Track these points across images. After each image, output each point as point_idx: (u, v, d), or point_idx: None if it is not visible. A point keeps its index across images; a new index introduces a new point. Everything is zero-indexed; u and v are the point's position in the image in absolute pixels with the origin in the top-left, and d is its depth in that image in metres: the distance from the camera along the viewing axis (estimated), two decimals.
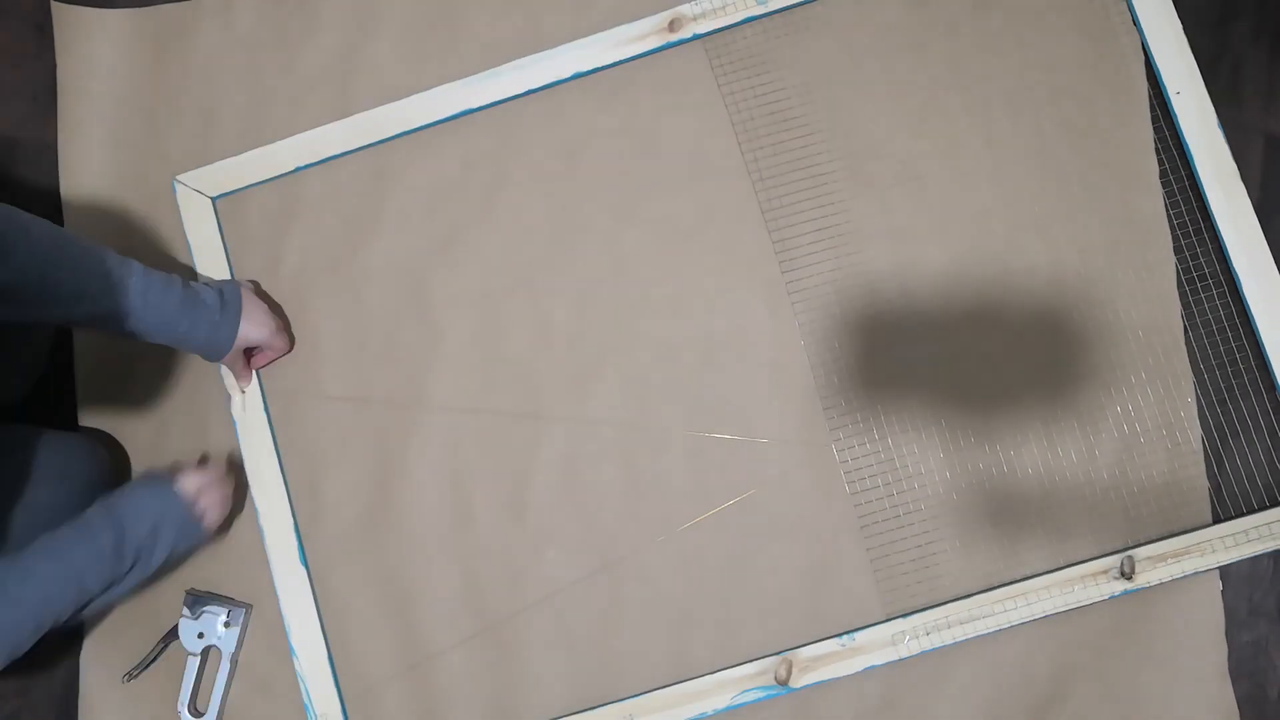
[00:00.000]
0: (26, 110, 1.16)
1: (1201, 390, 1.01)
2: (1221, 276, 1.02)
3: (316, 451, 1.07)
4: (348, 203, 1.11)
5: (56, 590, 0.85)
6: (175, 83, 1.15)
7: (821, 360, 1.04)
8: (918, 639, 0.98)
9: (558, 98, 1.10)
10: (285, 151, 1.10)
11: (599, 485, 1.04)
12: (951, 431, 1.02)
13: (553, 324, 1.07)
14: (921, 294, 1.04)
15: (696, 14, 1.08)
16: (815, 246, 1.06)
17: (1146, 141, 1.04)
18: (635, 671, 1.02)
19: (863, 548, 1.01)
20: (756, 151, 1.08)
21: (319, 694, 1.02)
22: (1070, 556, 0.99)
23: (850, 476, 1.02)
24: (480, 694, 1.03)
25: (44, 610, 0.85)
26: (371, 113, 1.10)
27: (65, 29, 1.17)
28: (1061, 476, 1.01)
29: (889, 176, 1.06)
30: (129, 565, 0.90)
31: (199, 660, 1.03)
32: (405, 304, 1.09)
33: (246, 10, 1.15)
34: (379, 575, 1.05)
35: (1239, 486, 1.00)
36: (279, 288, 1.10)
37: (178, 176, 1.11)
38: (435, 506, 1.06)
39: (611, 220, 1.08)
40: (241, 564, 1.06)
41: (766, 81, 1.08)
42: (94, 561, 0.88)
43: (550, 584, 1.04)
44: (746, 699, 0.98)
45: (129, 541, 0.90)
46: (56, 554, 0.86)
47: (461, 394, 1.07)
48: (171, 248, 1.11)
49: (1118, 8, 1.06)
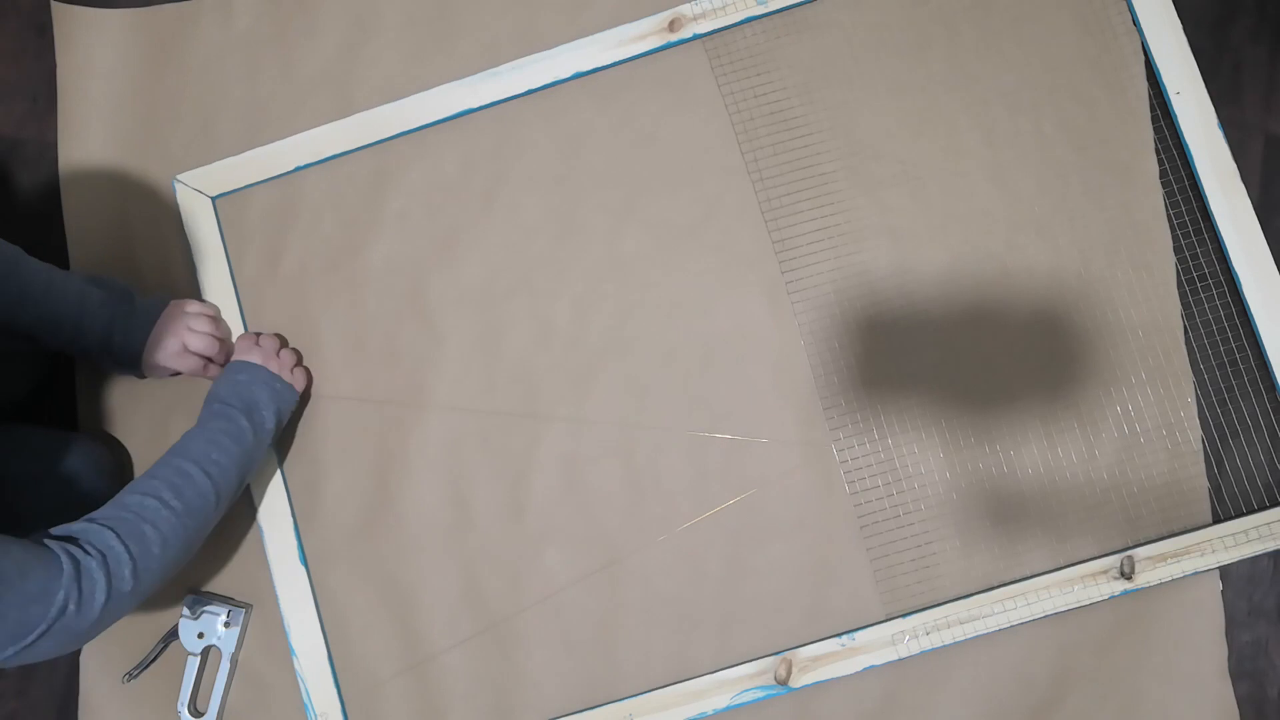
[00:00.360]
0: (26, 110, 1.16)
1: (1201, 390, 1.01)
2: (1221, 276, 1.02)
3: (316, 451, 1.07)
4: (348, 203, 1.11)
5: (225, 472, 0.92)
6: (175, 82, 1.15)
7: (821, 360, 1.04)
8: (917, 639, 0.98)
9: (558, 98, 1.10)
10: (285, 151, 1.10)
11: (599, 485, 1.04)
12: (951, 431, 1.02)
13: (553, 324, 1.07)
14: (921, 294, 1.04)
15: (696, 14, 1.08)
16: (815, 246, 1.06)
17: (1146, 141, 1.04)
18: (635, 671, 1.02)
19: (863, 548, 1.01)
20: (756, 151, 1.08)
21: (319, 693, 1.02)
22: (1070, 556, 0.99)
23: (850, 476, 1.02)
24: (480, 694, 1.03)
25: (223, 492, 0.92)
26: (371, 112, 1.10)
27: (65, 29, 1.17)
28: (1061, 476, 1.01)
29: (889, 176, 1.06)
30: (252, 435, 0.96)
31: (199, 660, 1.03)
32: (405, 304, 1.09)
33: (246, 10, 1.15)
34: (379, 575, 1.05)
35: (1239, 486, 1.00)
36: (278, 288, 1.10)
37: (177, 176, 1.11)
38: (435, 506, 1.06)
39: (611, 220, 1.08)
40: (241, 564, 1.06)
41: (767, 81, 1.08)
42: (237, 437, 0.94)
43: (550, 584, 1.04)
44: (746, 699, 0.98)
45: (248, 413, 0.96)
46: (208, 442, 0.93)
47: (461, 393, 1.07)
48: (171, 247, 1.11)
49: (1118, 8, 1.06)
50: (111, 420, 1.10)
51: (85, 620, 0.76)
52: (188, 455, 0.90)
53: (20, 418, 1.09)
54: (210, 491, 0.90)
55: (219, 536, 1.06)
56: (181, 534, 0.86)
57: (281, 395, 1.01)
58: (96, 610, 0.77)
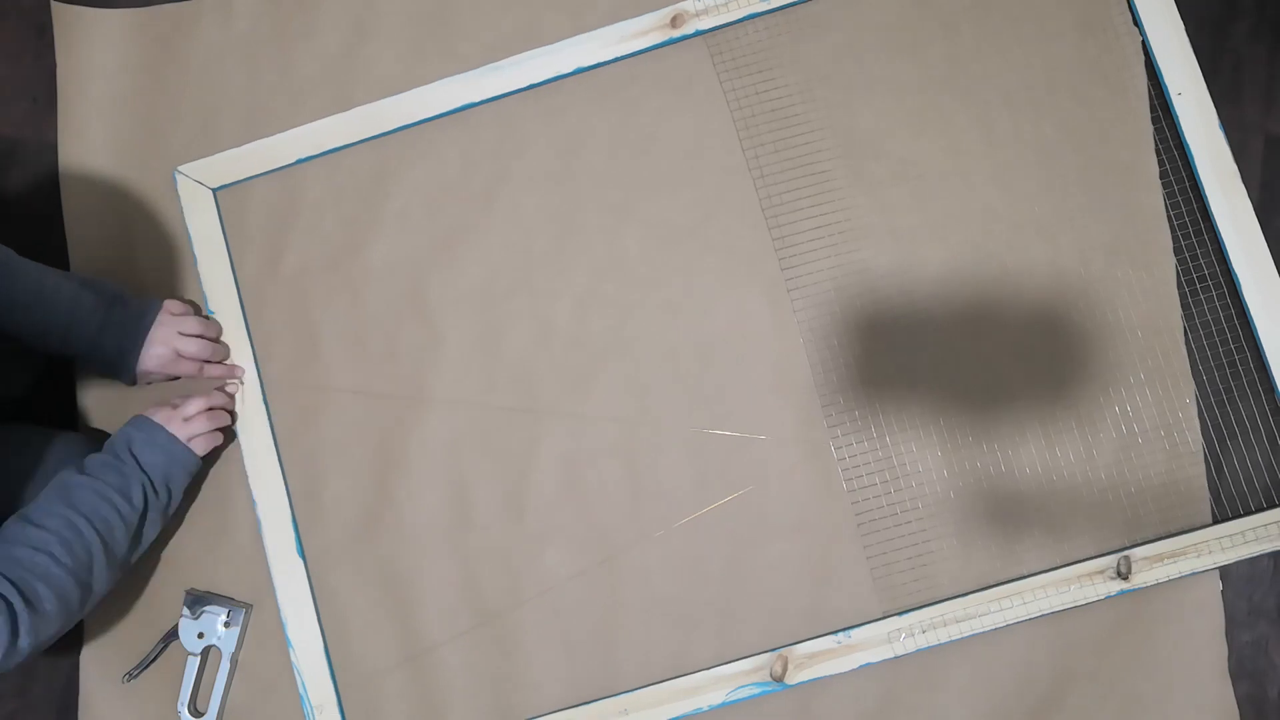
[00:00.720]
0: (26, 110, 1.17)
1: (1201, 391, 1.01)
2: (1221, 277, 1.02)
3: (316, 449, 1.07)
4: (348, 202, 1.11)
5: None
6: (175, 83, 1.15)
7: (820, 358, 1.04)
8: (913, 637, 0.98)
9: (558, 95, 1.10)
10: (286, 143, 1.10)
11: (598, 482, 1.05)
12: (950, 430, 1.02)
13: (553, 322, 1.07)
14: (921, 293, 1.04)
15: (699, 10, 1.08)
16: (815, 245, 1.06)
17: (1147, 141, 1.04)
18: (633, 667, 1.02)
19: (860, 545, 1.01)
20: (758, 149, 1.08)
21: (315, 686, 1.03)
22: (1068, 556, 0.99)
23: (848, 474, 1.02)
24: (478, 688, 1.03)
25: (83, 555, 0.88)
26: (372, 106, 1.10)
27: (65, 29, 1.17)
28: (1060, 476, 1.01)
29: (889, 175, 1.06)
30: (144, 499, 0.94)
31: (199, 660, 1.04)
32: (405, 303, 1.09)
33: (246, 10, 1.15)
34: (377, 571, 1.05)
35: (1237, 488, 1.00)
36: (279, 286, 1.10)
37: (179, 167, 1.11)
38: (435, 505, 1.06)
39: (612, 218, 1.08)
40: (241, 564, 1.06)
41: (768, 79, 1.08)
42: (127, 496, 0.92)
43: (548, 580, 1.04)
44: (741, 695, 0.98)
45: (140, 487, 0.93)
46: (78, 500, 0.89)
47: (461, 391, 1.07)
48: (171, 249, 1.11)
49: (1119, 7, 1.06)
50: (111, 420, 1.10)
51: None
52: (78, 508, 0.88)
53: (20, 417, 1.09)
54: (100, 550, 0.88)
55: (219, 536, 1.06)
56: (73, 591, 0.86)
57: (181, 460, 0.98)
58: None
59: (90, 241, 1.12)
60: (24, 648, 0.80)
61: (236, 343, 1.08)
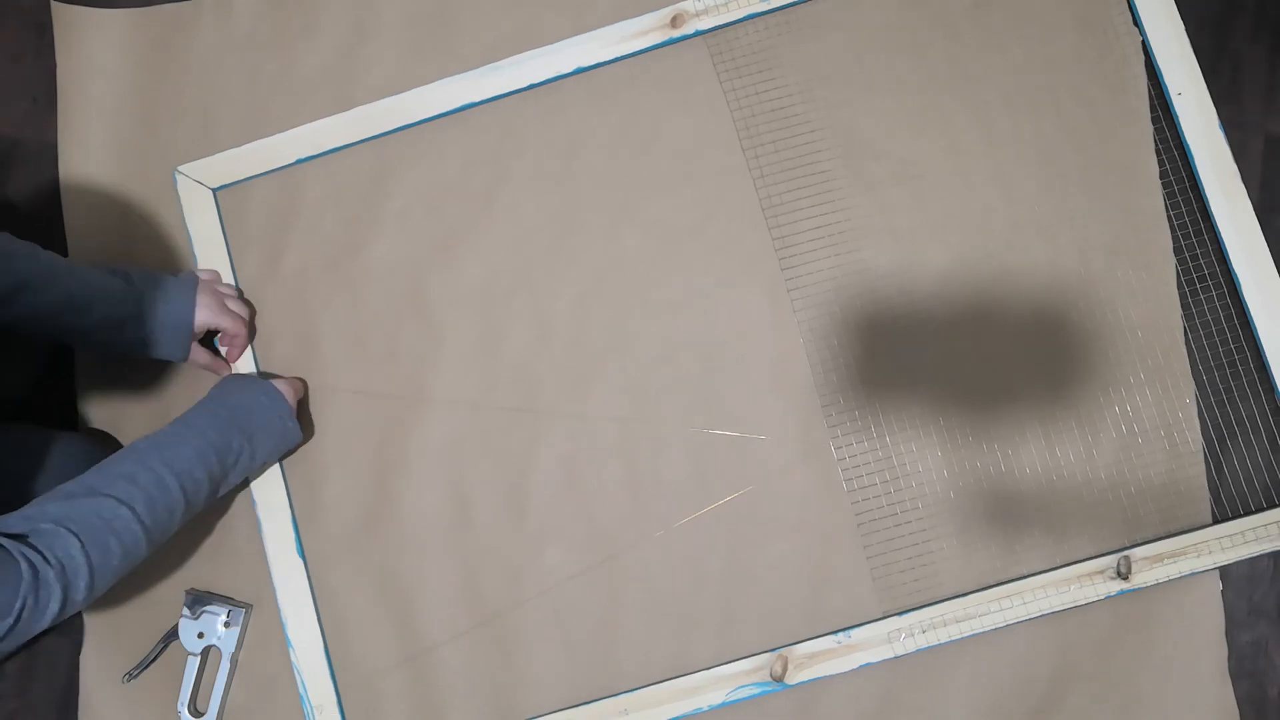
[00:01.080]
0: (26, 110, 1.17)
1: (1201, 390, 1.01)
2: (1221, 277, 1.02)
3: (316, 449, 1.07)
4: (348, 202, 1.11)
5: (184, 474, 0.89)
6: (175, 82, 1.15)
7: (820, 358, 1.04)
8: (913, 637, 0.98)
9: (558, 95, 1.10)
10: (287, 143, 1.11)
11: (598, 482, 1.05)
12: (950, 430, 1.02)
13: (553, 322, 1.07)
14: (921, 293, 1.04)
15: (699, 10, 1.08)
16: (815, 245, 1.06)
17: (1147, 141, 1.04)
18: (633, 667, 1.02)
19: (860, 545, 1.01)
20: (758, 149, 1.08)
21: (315, 686, 1.03)
22: (1068, 556, 0.99)
23: (848, 474, 1.02)
24: (478, 688, 1.03)
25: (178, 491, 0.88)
26: (373, 105, 1.10)
27: (65, 29, 1.17)
28: (1060, 476, 1.01)
29: (889, 175, 1.06)
30: (240, 466, 0.95)
31: (199, 660, 1.04)
32: (406, 303, 1.09)
33: (246, 10, 1.15)
34: (377, 571, 1.05)
35: (1237, 487, 1.00)
36: (279, 286, 1.10)
37: (179, 167, 1.11)
38: (435, 505, 1.06)
39: (612, 218, 1.08)
40: (241, 564, 1.06)
41: (768, 79, 1.08)
42: (225, 462, 0.93)
43: (548, 580, 1.04)
44: (741, 695, 0.98)
45: (250, 439, 0.95)
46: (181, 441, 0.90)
47: (461, 391, 1.07)
48: (172, 249, 1.12)
49: (1119, 7, 1.06)
50: (111, 420, 1.10)
51: (34, 628, 0.76)
52: (173, 466, 0.88)
53: (19, 417, 1.09)
54: (181, 511, 0.89)
55: (219, 536, 1.06)
56: (143, 549, 0.85)
57: (288, 438, 1.01)
58: (47, 620, 0.77)
59: (90, 241, 1.12)
60: (76, 601, 0.79)
61: None
